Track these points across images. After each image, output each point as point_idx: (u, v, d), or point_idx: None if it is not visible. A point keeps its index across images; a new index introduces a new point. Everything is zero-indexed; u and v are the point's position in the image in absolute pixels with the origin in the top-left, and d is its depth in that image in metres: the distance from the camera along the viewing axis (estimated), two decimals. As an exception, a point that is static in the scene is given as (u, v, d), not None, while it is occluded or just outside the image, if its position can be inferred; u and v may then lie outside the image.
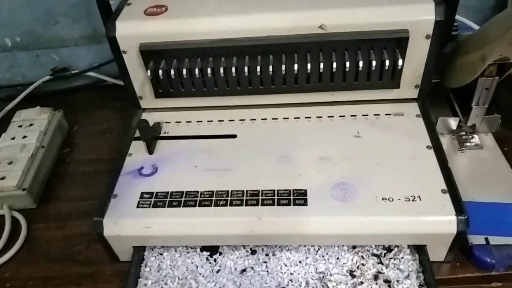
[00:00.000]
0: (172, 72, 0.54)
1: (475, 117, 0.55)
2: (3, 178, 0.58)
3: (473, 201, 0.50)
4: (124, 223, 0.47)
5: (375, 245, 0.48)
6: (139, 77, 0.57)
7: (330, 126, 0.55)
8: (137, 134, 0.57)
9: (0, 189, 0.57)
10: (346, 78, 0.54)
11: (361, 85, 0.54)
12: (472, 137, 0.58)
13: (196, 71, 0.54)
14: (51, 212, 0.59)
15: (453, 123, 0.58)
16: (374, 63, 0.51)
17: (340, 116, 0.56)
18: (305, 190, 0.47)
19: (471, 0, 0.70)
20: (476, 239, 0.47)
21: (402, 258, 0.47)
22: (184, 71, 0.54)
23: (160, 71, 0.54)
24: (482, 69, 0.50)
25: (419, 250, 0.47)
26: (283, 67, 0.53)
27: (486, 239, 0.47)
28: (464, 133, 0.58)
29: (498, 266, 0.46)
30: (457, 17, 0.57)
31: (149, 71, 0.54)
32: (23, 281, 0.51)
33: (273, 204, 0.47)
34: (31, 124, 0.65)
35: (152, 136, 0.56)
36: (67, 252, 0.54)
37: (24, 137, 0.63)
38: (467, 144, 0.57)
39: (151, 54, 0.54)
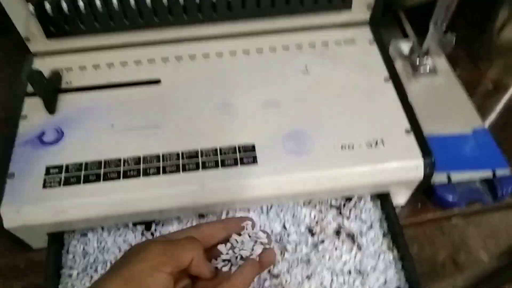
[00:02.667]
0: (64, 2, 0.41)
1: (431, 38, 0.49)
2: None
3: (433, 135, 0.46)
4: (29, 210, 0.37)
5: (334, 196, 0.43)
6: (19, 12, 0.42)
7: (273, 61, 0.46)
8: (30, 88, 0.44)
9: None
10: (290, 0, 0.44)
11: (308, 7, 0.45)
12: (426, 62, 0.52)
13: (97, -1, 0.41)
14: None
15: (405, 46, 0.52)
16: (322, -20, 0.42)
17: (283, 48, 0.47)
18: (253, 145, 0.40)
19: None
20: (437, 177, 0.44)
21: (363, 207, 0.43)
22: (81, 0, 0.41)
23: (48, 3, 0.40)
24: (444, -17, 0.43)
25: (381, 196, 0.43)
26: (211, -11, 0.42)
27: (448, 176, 0.44)
28: (417, 57, 0.52)
29: (460, 203, 0.44)
30: None
31: (30, 5, 0.40)
32: None
33: (216, 166, 0.39)
34: None
35: (50, 90, 0.43)
36: (-38, 247, 0.43)
37: None
38: (421, 69, 0.52)
39: (30, -21, 0.39)
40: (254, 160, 0.39)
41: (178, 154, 0.39)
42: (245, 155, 0.39)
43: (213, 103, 0.43)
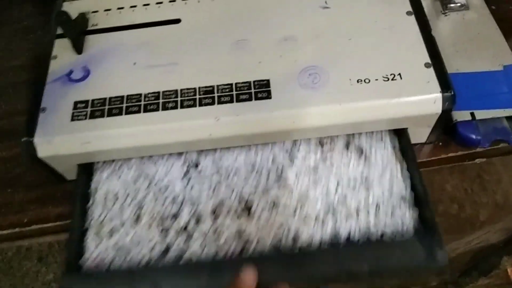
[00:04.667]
0: None
1: (463, -30, 0.47)
2: None
3: (458, 72, 0.45)
4: (59, 141, 0.40)
5: (350, 133, 0.43)
6: (45, -46, 0.44)
7: (292, -3, 0.45)
8: (59, 30, 0.46)
9: None
10: None
11: None
12: (457, -4, 0.49)
13: None
14: (-21, 133, 0.51)
15: (435, -20, 0.50)
16: None
17: (303, -17, 0.46)
18: (268, 80, 0.40)
19: None
20: (460, 115, 0.43)
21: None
22: None
23: None
24: None
25: (399, 133, 0.43)
26: None
27: (472, 114, 0.43)
28: (447, -9, 0.50)
29: (484, 142, 0.42)
30: None
31: None
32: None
33: (231, 101, 0.40)
34: None
35: (77, 31, 0.45)
36: (5, 177, 0.47)
37: None
38: (451, 5, 0.49)
39: None
40: (268, 94, 0.39)
41: (195, 89, 0.40)
42: (260, 90, 0.40)
43: (230, 41, 0.43)
